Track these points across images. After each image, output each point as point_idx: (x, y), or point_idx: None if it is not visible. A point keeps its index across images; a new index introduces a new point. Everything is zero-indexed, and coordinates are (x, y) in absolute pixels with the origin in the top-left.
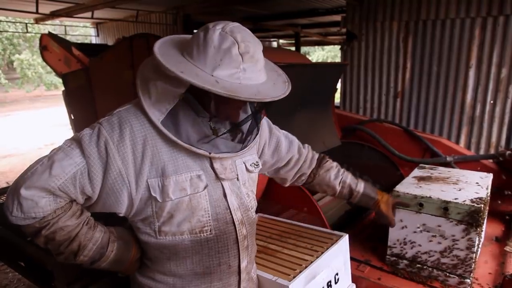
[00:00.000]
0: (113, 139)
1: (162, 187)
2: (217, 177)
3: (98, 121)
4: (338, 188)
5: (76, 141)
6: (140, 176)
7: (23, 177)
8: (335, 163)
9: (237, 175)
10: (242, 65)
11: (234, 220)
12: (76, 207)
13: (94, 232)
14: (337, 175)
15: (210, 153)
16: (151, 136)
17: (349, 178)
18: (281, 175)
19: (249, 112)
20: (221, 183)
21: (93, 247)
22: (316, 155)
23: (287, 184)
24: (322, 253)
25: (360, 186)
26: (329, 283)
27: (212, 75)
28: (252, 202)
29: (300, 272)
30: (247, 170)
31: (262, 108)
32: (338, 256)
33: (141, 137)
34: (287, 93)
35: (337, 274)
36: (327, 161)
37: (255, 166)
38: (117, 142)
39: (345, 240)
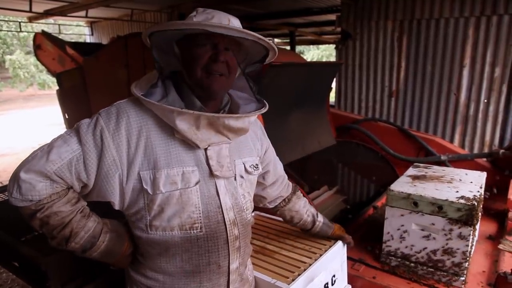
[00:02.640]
0: (109, 128)
1: (153, 180)
2: (211, 174)
3: (98, 112)
4: (304, 216)
5: (75, 129)
6: (132, 166)
7: (24, 161)
8: (304, 198)
9: (235, 174)
10: (194, 19)
11: (225, 220)
12: (72, 195)
13: (87, 221)
14: (305, 205)
15: (194, 112)
16: (146, 128)
17: (312, 209)
18: (264, 193)
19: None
20: (215, 181)
21: (84, 235)
22: (291, 186)
23: (263, 204)
24: (320, 255)
25: (321, 217)
26: (326, 285)
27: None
28: (248, 204)
29: (299, 275)
30: (246, 171)
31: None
32: (335, 258)
33: (137, 128)
34: (256, 39)
35: (334, 276)
36: (299, 190)
37: (254, 168)
38: (112, 131)
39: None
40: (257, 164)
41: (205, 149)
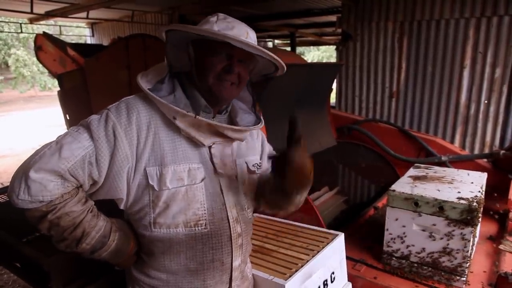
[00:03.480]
0: (121, 123)
1: (160, 176)
2: (215, 171)
3: (106, 108)
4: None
5: (84, 126)
6: (139, 162)
7: (32, 160)
8: None
9: (237, 173)
10: (215, 25)
11: (229, 217)
12: (82, 194)
13: (98, 220)
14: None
15: (195, 116)
16: (155, 123)
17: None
18: None
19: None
20: (219, 179)
21: (96, 235)
22: None
23: None
24: (318, 252)
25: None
26: (325, 282)
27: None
28: (249, 202)
29: (296, 271)
30: (249, 170)
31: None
32: (334, 255)
33: (146, 123)
34: (271, 57)
35: (333, 273)
36: None
37: (257, 167)
38: (124, 126)
39: (340, 239)
40: (260, 163)
41: (209, 147)
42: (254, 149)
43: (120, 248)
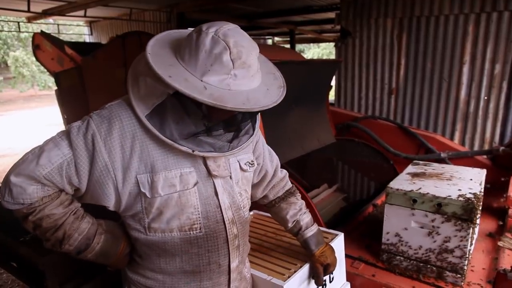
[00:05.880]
0: (100, 132)
1: (151, 183)
2: (209, 174)
3: (89, 114)
4: (289, 225)
5: (66, 132)
6: (128, 171)
7: (15, 165)
8: (300, 202)
9: (230, 173)
10: (232, 71)
11: (225, 219)
12: (65, 197)
13: (80, 222)
14: (295, 214)
15: (193, 151)
16: (140, 131)
17: (304, 221)
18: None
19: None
20: (213, 181)
21: (78, 237)
22: (287, 186)
23: (254, 200)
24: None
25: (307, 233)
26: (323, 282)
27: (202, 80)
28: (245, 201)
29: (295, 272)
30: (241, 169)
31: (254, 115)
32: None
33: (131, 132)
34: (278, 101)
35: (331, 273)
36: (294, 196)
37: (249, 165)
38: (104, 135)
39: (340, 239)
40: (252, 161)
41: None
42: (242, 149)
43: (106, 250)
